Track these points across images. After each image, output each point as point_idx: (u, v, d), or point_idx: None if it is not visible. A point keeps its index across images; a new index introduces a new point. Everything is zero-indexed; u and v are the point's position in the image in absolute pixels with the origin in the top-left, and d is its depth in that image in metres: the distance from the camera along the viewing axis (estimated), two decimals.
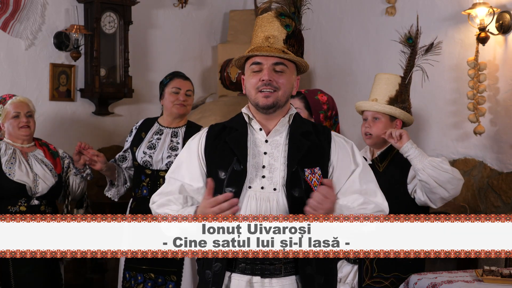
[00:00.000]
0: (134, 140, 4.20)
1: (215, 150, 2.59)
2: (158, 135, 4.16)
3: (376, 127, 3.68)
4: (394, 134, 3.51)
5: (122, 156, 4.24)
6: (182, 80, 4.21)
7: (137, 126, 4.27)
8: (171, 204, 2.55)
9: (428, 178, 3.41)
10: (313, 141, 2.58)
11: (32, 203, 3.92)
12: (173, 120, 4.20)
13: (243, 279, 2.49)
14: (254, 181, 2.51)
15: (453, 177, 3.44)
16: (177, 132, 4.18)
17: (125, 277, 4.09)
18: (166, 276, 4.04)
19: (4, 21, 4.81)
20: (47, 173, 3.99)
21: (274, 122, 2.60)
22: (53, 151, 4.12)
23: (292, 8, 2.62)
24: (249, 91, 2.58)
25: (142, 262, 4.03)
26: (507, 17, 4.28)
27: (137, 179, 4.14)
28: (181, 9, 5.65)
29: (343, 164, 2.58)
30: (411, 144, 3.49)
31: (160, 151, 4.09)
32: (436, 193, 3.45)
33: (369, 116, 3.72)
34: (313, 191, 2.47)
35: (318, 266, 2.50)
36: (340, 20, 5.48)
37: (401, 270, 3.56)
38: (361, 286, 3.56)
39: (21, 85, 4.92)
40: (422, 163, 3.43)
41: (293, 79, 2.61)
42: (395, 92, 3.72)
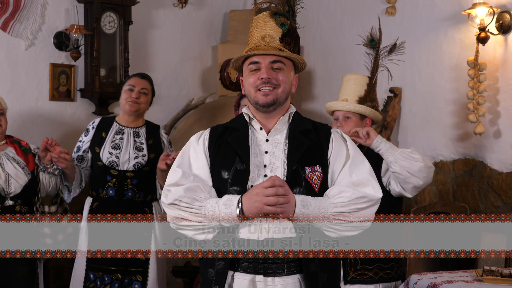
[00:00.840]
0: (95, 140, 4.15)
1: (217, 151, 2.60)
2: (120, 135, 4.15)
3: (347, 126, 3.76)
4: (361, 133, 3.60)
5: (81, 157, 4.16)
6: (138, 78, 4.23)
7: (94, 125, 4.22)
8: (198, 190, 2.51)
9: (400, 169, 3.50)
10: (312, 139, 2.59)
11: (6, 204, 3.79)
12: (129, 119, 4.18)
13: (246, 278, 2.49)
14: (256, 180, 2.52)
15: (424, 166, 3.53)
16: (138, 132, 4.18)
17: (89, 278, 4.04)
18: (132, 276, 4.04)
19: (4, 21, 4.81)
20: (19, 172, 3.86)
21: (274, 121, 2.61)
22: (25, 148, 3.98)
23: (286, 7, 2.64)
24: (248, 90, 2.60)
25: (108, 262, 4.00)
26: (507, 17, 4.28)
27: (101, 179, 4.09)
28: (181, 9, 5.65)
29: (338, 158, 2.60)
30: (381, 139, 3.58)
31: (126, 151, 4.08)
32: (410, 182, 3.54)
33: (340, 115, 3.81)
34: (314, 190, 2.49)
35: (322, 263, 2.51)
36: (340, 20, 5.48)
37: (382, 261, 3.63)
38: (346, 279, 3.62)
39: (21, 85, 4.92)
40: (394, 155, 3.53)
41: (291, 77, 2.62)
42: (364, 91, 3.83)
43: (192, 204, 2.48)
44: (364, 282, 3.63)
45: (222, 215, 2.45)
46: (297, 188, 2.49)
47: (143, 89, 4.17)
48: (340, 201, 2.48)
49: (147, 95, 4.19)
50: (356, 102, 3.79)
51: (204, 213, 2.47)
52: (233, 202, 2.45)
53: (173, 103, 5.64)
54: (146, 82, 4.22)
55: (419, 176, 3.53)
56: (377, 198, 2.54)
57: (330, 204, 2.47)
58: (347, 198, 2.48)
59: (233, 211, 2.44)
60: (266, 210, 2.40)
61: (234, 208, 2.44)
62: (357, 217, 2.50)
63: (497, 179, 4.41)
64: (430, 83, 4.82)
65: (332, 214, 2.47)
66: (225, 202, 2.46)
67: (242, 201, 2.44)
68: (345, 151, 2.61)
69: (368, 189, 2.53)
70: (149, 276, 4.08)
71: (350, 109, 3.76)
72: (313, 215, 2.45)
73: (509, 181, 4.34)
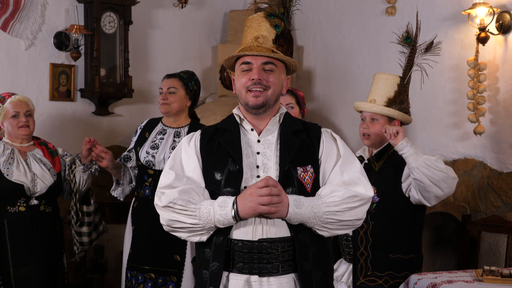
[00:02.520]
0: (138, 140, 4.20)
1: (209, 153, 2.60)
2: (162, 135, 4.16)
3: (374, 128, 3.68)
4: (390, 131, 3.52)
5: (127, 156, 4.23)
6: (165, 79, 4.23)
7: (141, 126, 4.27)
8: (192, 193, 2.51)
9: (422, 177, 3.40)
10: (303, 140, 2.59)
11: (31, 203, 3.91)
12: (170, 119, 4.19)
13: (241, 279, 2.49)
14: (249, 181, 2.52)
15: (447, 176, 3.43)
16: (179, 132, 4.18)
17: (127, 277, 4.09)
18: (167, 276, 4.04)
19: (4, 21, 4.81)
20: (45, 173, 3.98)
21: (265, 122, 2.61)
22: (52, 150, 4.10)
23: (281, 8, 2.63)
24: (239, 91, 2.60)
25: (144, 262, 4.03)
26: (507, 17, 4.28)
27: (140, 179, 4.14)
28: (181, 9, 5.65)
29: (329, 158, 2.60)
30: (406, 142, 3.48)
31: (162, 151, 4.09)
32: (431, 191, 3.44)
33: (367, 117, 3.72)
34: (306, 190, 2.50)
35: (315, 262, 2.51)
36: (340, 20, 5.48)
37: (395, 269, 3.57)
38: (356, 284, 3.58)
39: (21, 85, 4.92)
40: (417, 161, 3.42)
41: (282, 79, 2.62)
42: (394, 93, 3.72)
43: (186, 207, 2.48)
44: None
45: (217, 216, 2.44)
46: (289, 188, 2.49)
47: (169, 88, 4.15)
48: (332, 201, 2.48)
49: (176, 94, 4.15)
50: (385, 103, 3.69)
51: (199, 215, 2.47)
52: (228, 203, 2.45)
53: None
54: (173, 80, 4.19)
55: (441, 186, 3.43)
56: (368, 197, 2.55)
57: (322, 203, 2.48)
58: (339, 198, 2.48)
59: (228, 212, 2.44)
60: (260, 209, 2.41)
61: (229, 210, 2.44)
62: (349, 216, 2.51)
63: (497, 179, 4.41)
64: (430, 83, 4.81)
65: (325, 214, 2.47)
66: (220, 204, 2.46)
67: (237, 202, 2.44)
68: (336, 150, 2.61)
69: (359, 188, 2.54)
70: (184, 277, 4.07)
71: (377, 111, 3.67)
72: (306, 214, 2.45)
73: (509, 181, 4.34)
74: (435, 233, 4.75)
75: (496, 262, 4.02)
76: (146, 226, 4.05)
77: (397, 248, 3.56)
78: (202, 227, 2.47)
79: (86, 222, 4.15)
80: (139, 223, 4.10)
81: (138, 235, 4.09)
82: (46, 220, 3.97)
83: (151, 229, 4.02)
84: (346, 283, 3.68)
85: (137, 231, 4.09)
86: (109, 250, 5.15)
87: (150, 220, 4.04)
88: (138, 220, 4.11)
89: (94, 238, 4.24)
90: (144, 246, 4.06)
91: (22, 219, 3.88)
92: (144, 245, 4.06)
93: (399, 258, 3.57)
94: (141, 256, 4.05)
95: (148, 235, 4.04)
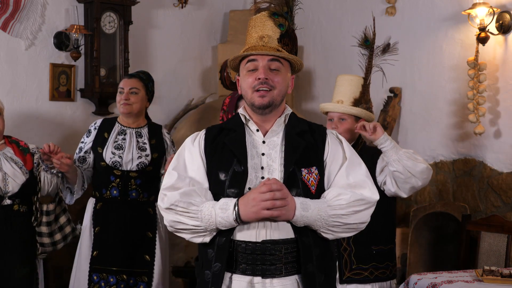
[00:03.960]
0: (97, 141, 4.14)
1: (214, 152, 2.58)
2: (123, 135, 4.14)
3: (342, 127, 3.75)
4: (368, 127, 3.59)
5: (83, 157, 4.15)
6: (126, 79, 4.22)
7: (96, 126, 4.21)
8: (194, 195, 2.50)
9: (403, 169, 3.50)
10: (308, 141, 2.58)
11: (4, 203, 3.81)
12: (128, 120, 4.18)
13: (244, 280, 2.48)
14: (253, 182, 2.51)
15: (426, 167, 3.55)
16: (140, 132, 4.18)
17: (92, 279, 4.04)
18: (137, 277, 4.04)
19: (4, 21, 4.81)
20: (16, 171, 3.87)
21: (271, 123, 2.60)
22: (23, 148, 3.99)
23: (285, 7, 2.63)
24: (245, 91, 2.59)
25: (113, 263, 4.02)
26: (507, 17, 4.28)
27: (105, 180, 4.08)
28: (181, 9, 5.65)
29: (335, 160, 2.60)
30: (386, 136, 3.58)
31: (129, 151, 4.08)
32: (409, 182, 3.55)
33: (335, 117, 3.80)
34: (311, 191, 2.49)
35: (319, 264, 2.51)
36: (340, 20, 5.48)
37: (378, 260, 3.65)
38: (342, 279, 3.63)
39: (21, 85, 4.92)
40: (397, 154, 3.52)
41: (288, 78, 2.62)
42: (359, 93, 3.81)
43: (188, 209, 2.47)
44: (360, 282, 3.64)
45: (219, 219, 2.44)
46: (294, 190, 2.48)
47: (131, 88, 4.14)
48: (338, 204, 2.48)
49: (137, 94, 4.15)
50: (351, 103, 3.78)
51: (200, 217, 2.46)
52: (229, 206, 2.43)
53: (173, 103, 5.64)
54: (135, 81, 4.18)
55: (420, 177, 3.54)
56: (374, 201, 2.55)
57: (329, 206, 2.47)
58: (345, 201, 2.48)
59: (229, 215, 2.43)
60: (264, 214, 2.40)
61: (231, 212, 2.43)
62: (354, 220, 2.51)
63: (497, 179, 4.41)
64: (430, 83, 4.82)
65: (331, 217, 2.47)
66: (221, 206, 2.45)
67: (239, 205, 2.43)
68: (342, 153, 2.61)
69: (365, 191, 2.54)
70: (154, 277, 4.08)
71: (346, 111, 3.76)
72: (312, 217, 2.45)
73: (509, 181, 4.34)
74: (435, 233, 4.75)
75: (496, 262, 4.02)
76: (113, 227, 4.04)
77: (378, 240, 3.65)
78: (205, 228, 2.47)
79: (45, 222, 4.00)
80: (105, 224, 4.06)
81: (103, 237, 4.05)
82: (20, 220, 3.86)
83: (119, 230, 4.03)
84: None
85: (102, 233, 4.05)
86: None
87: (118, 221, 4.04)
88: (104, 222, 4.07)
89: (59, 240, 4.06)
90: (112, 247, 4.04)
91: None
92: (112, 246, 4.04)
93: (381, 249, 3.67)
94: (110, 258, 4.02)
95: (115, 236, 4.03)
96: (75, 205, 4.37)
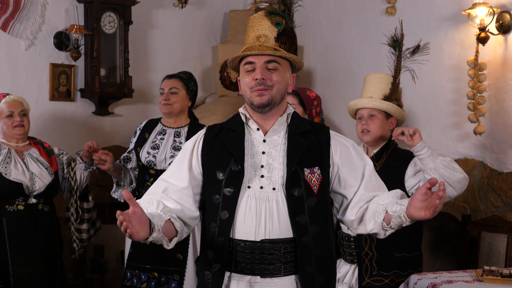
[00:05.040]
0: (138, 141, 4.21)
1: (212, 151, 2.59)
2: (162, 135, 4.18)
3: (373, 124, 3.67)
4: (407, 132, 3.49)
5: (127, 157, 4.25)
6: (166, 79, 4.25)
7: (141, 127, 4.29)
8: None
9: (440, 178, 3.38)
10: (311, 140, 2.58)
11: (30, 202, 3.93)
12: (170, 120, 4.21)
13: (243, 279, 2.49)
14: (253, 181, 2.51)
15: (464, 177, 3.46)
16: (179, 132, 4.19)
17: (126, 276, 4.10)
18: (169, 275, 4.05)
19: (4, 21, 4.81)
20: (43, 171, 4.00)
21: (272, 122, 2.60)
22: (48, 149, 4.13)
23: (282, 6, 2.62)
24: (244, 91, 2.59)
25: (146, 261, 4.05)
26: (507, 17, 4.28)
27: (142, 179, 4.15)
28: (181, 9, 5.65)
29: (350, 161, 2.59)
30: (424, 143, 3.48)
31: (163, 151, 4.11)
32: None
33: (365, 113, 3.71)
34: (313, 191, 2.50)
35: (318, 265, 2.50)
36: (340, 20, 5.48)
37: (400, 268, 3.58)
38: (361, 285, 3.57)
39: (21, 85, 4.92)
40: (434, 162, 3.43)
41: (287, 77, 2.61)
42: (389, 90, 3.73)
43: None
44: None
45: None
46: (296, 190, 2.49)
47: (171, 88, 4.17)
48: None
49: (178, 94, 4.18)
50: (382, 99, 3.69)
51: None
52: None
53: None
54: (175, 81, 4.21)
55: (456, 187, 3.45)
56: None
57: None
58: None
59: None
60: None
61: None
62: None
63: (497, 179, 4.41)
64: (430, 83, 4.82)
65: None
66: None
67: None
68: (354, 154, 2.62)
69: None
70: (186, 276, 4.08)
71: (376, 105, 3.65)
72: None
73: (509, 181, 4.34)
74: (435, 233, 4.75)
75: (496, 262, 4.02)
76: None
77: (401, 246, 3.57)
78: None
79: (86, 219, 4.19)
80: None
81: None
82: (44, 219, 4.00)
83: None
84: (349, 284, 3.66)
85: None
86: (109, 250, 5.15)
87: None
88: None
89: (92, 235, 4.28)
90: (146, 245, 4.05)
91: (21, 217, 3.91)
92: (146, 244, 4.05)
93: (404, 256, 3.59)
94: (143, 255, 4.06)
95: None
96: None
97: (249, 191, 2.51)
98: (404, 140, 3.51)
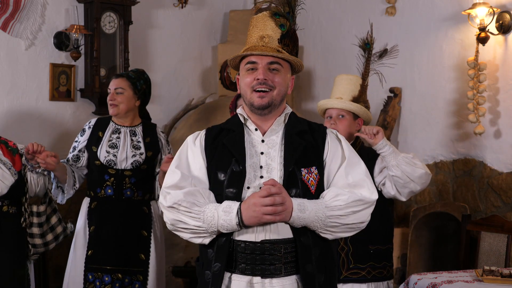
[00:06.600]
0: (91, 140, 4.12)
1: (214, 153, 2.59)
2: (117, 134, 4.13)
3: (341, 124, 3.73)
4: (370, 131, 3.59)
5: (77, 156, 4.13)
6: (113, 79, 4.20)
7: (90, 125, 4.20)
8: (197, 195, 2.50)
9: (402, 174, 3.51)
10: (308, 141, 2.58)
11: None
12: (121, 119, 4.16)
13: (244, 280, 2.48)
14: (252, 182, 2.51)
15: (425, 173, 3.55)
16: (135, 131, 4.17)
17: (88, 279, 4.03)
18: (133, 276, 4.04)
19: (4, 21, 4.81)
20: (5, 172, 3.78)
21: (270, 122, 2.60)
22: (12, 148, 3.90)
23: (287, 8, 2.62)
24: (244, 90, 2.58)
25: (108, 262, 4.01)
26: (507, 17, 4.29)
27: (99, 179, 4.07)
28: (181, 9, 5.65)
29: (334, 159, 2.59)
30: (386, 141, 3.58)
31: (123, 150, 4.07)
32: (408, 187, 3.57)
33: (334, 113, 3.77)
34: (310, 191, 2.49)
35: (319, 265, 2.50)
36: (340, 20, 5.48)
37: (375, 260, 3.66)
38: (339, 278, 3.63)
39: (21, 85, 4.92)
40: (396, 159, 3.53)
41: (288, 78, 2.61)
42: (358, 92, 3.80)
43: (191, 209, 2.47)
44: (357, 281, 3.64)
45: (221, 222, 2.43)
46: (293, 190, 2.48)
47: (116, 89, 4.11)
48: (336, 205, 2.47)
49: (123, 94, 4.11)
50: (351, 101, 3.77)
51: (203, 218, 2.46)
52: (233, 209, 2.43)
53: (173, 103, 5.64)
54: (120, 81, 4.14)
55: (418, 182, 3.56)
56: (373, 200, 2.54)
57: (326, 207, 2.47)
58: (343, 202, 2.48)
59: (232, 219, 2.43)
60: (265, 219, 2.40)
61: (234, 216, 2.43)
62: (353, 220, 2.50)
63: (497, 179, 4.41)
64: (430, 83, 4.82)
65: (328, 217, 2.47)
66: (225, 209, 2.44)
67: (241, 209, 2.43)
68: (341, 152, 2.60)
69: (364, 190, 2.53)
70: (149, 276, 4.08)
71: (345, 107, 3.73)
72: (310, 218, 2.45)
73: (509, 181, 4.34)
74: (435, 233, 4.75)
75: (496, 262, 4.02)
76: (108, 226, 4.03)
77: (375, 239, 3.65)
78: (206, 230, 2.47)
79: (36, 223, 3.95)
80: (100, 223, 4.05)
81: (98, 236, 4.04)
82: (9, 221, 3.78)
83: (114, 229, 4.02)
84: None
85: (97, 232, 4.04)
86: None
87: (113, 219, 4.04)
88: (99, 221, 4.06)
89: (51, 240, 4.03)
90: (107, 247, 4.03)
91: None
92: (107, 245, 4.03)
93: (378, 249, 3.68)
94: (104, 257, 4.01)
95: (110, 235, 4.02)
96: (72, 205, 4.37)
97: (249, 191, 2.50)
98: (366, 138, 3.61)
